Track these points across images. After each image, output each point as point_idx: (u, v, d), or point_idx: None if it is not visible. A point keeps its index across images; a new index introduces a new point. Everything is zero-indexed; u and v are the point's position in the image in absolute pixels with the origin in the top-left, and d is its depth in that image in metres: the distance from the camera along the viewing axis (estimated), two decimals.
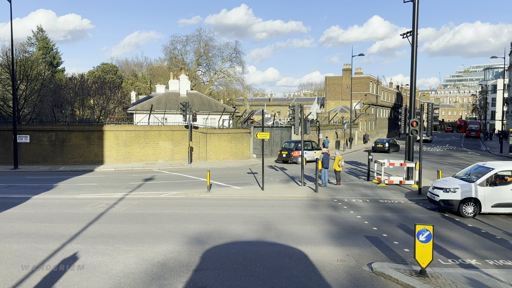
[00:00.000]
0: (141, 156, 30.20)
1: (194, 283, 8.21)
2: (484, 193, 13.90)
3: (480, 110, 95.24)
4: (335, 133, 46.57)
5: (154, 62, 74.20)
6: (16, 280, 8.33)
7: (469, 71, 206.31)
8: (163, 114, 36.08)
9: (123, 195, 17.68)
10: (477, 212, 13.98)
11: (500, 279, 8.31)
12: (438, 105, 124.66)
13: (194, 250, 10.22)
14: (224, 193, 18.12)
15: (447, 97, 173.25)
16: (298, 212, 14.54)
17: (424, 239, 8.27)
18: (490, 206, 13.92)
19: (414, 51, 20.35)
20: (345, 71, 62.43)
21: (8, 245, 10.57)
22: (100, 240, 11.07)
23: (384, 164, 20.53)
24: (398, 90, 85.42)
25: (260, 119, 47.22)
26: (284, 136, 36.37)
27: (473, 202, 13.97)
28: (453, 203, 14.06)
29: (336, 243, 10.92)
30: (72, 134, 28.74)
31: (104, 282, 8.28)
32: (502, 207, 13.93)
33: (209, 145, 32.31)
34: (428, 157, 36.18)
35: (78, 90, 37.19)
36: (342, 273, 8.79)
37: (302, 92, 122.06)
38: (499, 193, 13.86)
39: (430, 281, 8.14)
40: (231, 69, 60.98)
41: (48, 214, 14.09)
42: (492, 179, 14.10)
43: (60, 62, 62.00)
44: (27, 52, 50.07)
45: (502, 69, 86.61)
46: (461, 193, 14.01)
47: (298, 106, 20.32)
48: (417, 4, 19.98)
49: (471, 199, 13.96)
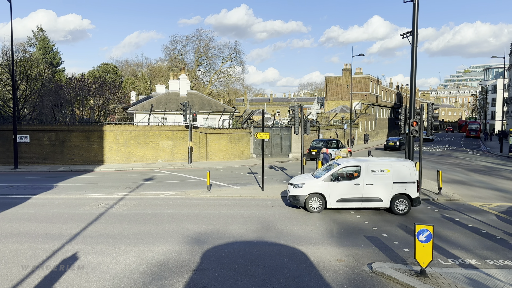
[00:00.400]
0: (141, 156, 30.20)
1: (194, 283, 8.21)
2: (329, 188, 14.31)
3: (480, 110, 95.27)
4: (335, 133, 46.56)
5: (154, 62, 74.32)
6: (16, 280, 8.33)
7: (469, 71, 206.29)
8: (163, 114, 36.07)
9: (123, 195, 17.68)
10: (322, 207, 14.37)
11: (500, 279, 8.30)
12: (438, 105, 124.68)
13: (194, 250, 10.22)
14: (224, 193, 18.12)
15: (447, 97, 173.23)
16: (298, 212, 14.54)
17: (424, 239, 8.27)
18: (335, 201, 14.33)
19: (414, 51, 20.34)
20: (345, 71, 62.43)
21: (8, 245, 10.57)
22: (100, 240, 11.07)
23: None
24: (398, 90, 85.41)
25: (260, 119, 47.23)
26: (284, 136, 36.38)
27: (319, 197, 14.27)
28: (300, 198, 14.50)
29: (336, 243, 10.92)
30: (72, 134, 28.74)
31: (104, 282, 8.28)
32: (346, 202, 14.35)
33: (209, 145, 32.31)
34: (428, 157, 36.18)
35: (78, 90, 37.18)
36: (342, 273, 8.79)
37: (302, 92, 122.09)
38: (343, 188, 14.29)
39: (430, 281, 8.14)
40: (231, 69, 61.01)
41: (48, 214, 14.09)
42: (337, 174, 14.49)
43: (60, 62, 61.98)
44: (27, 52, 50.08)
45: (502, 69, 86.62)
46: (307, 188, 14.39)
47: (298, 106, 20.32)
48: (417, 4, 19.97)
49: (316, 194, 14.33)
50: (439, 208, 15.51)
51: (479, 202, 16.69)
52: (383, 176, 14.31)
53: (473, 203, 16.47)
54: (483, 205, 16.21)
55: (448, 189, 19.22)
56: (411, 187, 14.30)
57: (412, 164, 14.76)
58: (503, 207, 15.79)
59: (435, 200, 16.97)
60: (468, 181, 22.36)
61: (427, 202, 16.76)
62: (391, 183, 14.26)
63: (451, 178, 23.34)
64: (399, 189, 14.26)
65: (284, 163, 31.82)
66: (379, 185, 14.24)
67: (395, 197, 14.28)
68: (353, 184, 14.26)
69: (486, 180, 22.84)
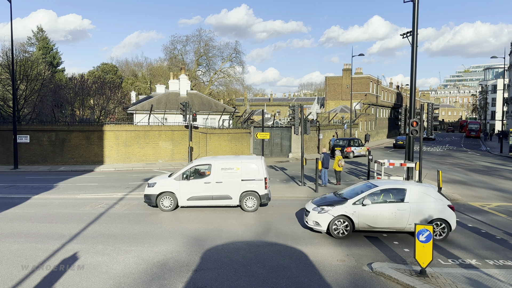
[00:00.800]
0: (141, 156, 30.20)
1: (194, 283, 8.21)
2: (180, 187, 14.41)
3: (480, 110, 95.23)
4: (335, 133, 46.55)
5: (154, 62, 74.29)
6: (16, 280, 8.33)
7: (469, 71, 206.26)
8: (163, 114, 36.07)
9: (123, 195, 17.68)
10: (174, 205, 14.50)
11: (500, 279, 8.31)
12: (438, 105, 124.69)
13: (194, 250, 10.22)
14: None
15: (447, 97, 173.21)
16: (298, 212, 14.53)
17: (424, 239, 8.27)
18: (186, 199, 14.46)
19: (414, 51, 20.35)
20: (345, 71, 62.40)
21: (8, 245, 10.57)
22: (100, 240, 11.07)
23: (384, 164, 20.51)
24: (398, 90, 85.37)
25: (260, 119, 47.21)
26: (284, 136, 36.38)
27: (170, 196, 14.49)
28: (151, 197, 14.58)
29: (336, 243, 10.92)
30: (72, 134, 28.74)
31: (104, 282, 8.28)
32: (196, 200, 14.52)
33: (209, 145, 32.30)
34: (428, 157, 36.17)
35: (78, 90, 37.17)
36: (342, 273, 8.79)
37: (302, 92, 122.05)
38: (193, 186, 14.47)
39: (430, 281, 8.14)
40: (231, 69, 60.97)
41: (48, 214, 14.09)
42: (188, 173, 14.65)
43: (60, 62, 61.96)
44: (27, 52, 50.01)
45: (502, 69, 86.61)
46: (158, 187, 14.56)
47: (298, 106, 20.31)
48: (417, 4, 19.97)
49: (168, 192, 14.47)
50: None
51: (479, 202, 16.69)
52: (232, 174, 14.56)
53: (473, 203, 16.46)
54: (483, 205, 16.21)
55: (448, 189, 19.21)
56: (259, 184, 14.58)
57: (261, 162, 14.97)
58: (503, 207, 15.79)
59: None
60: (468, 181, 22.36)
61: None
62: (240, 180, 14.52)
63: (451, 178, 23.34)
64: (248, 186, 14.56)
65: (284, 163, 31.81)
66: (229, 183, 14.48)
67: (244, 194, 14.49)
68: (203, 183, 14.47)
69: (486, 180, 22.84)
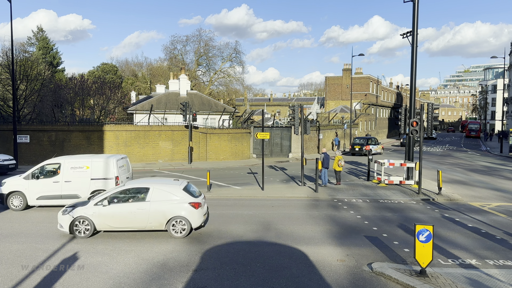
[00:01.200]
0: (141, 156, 30.20)
1: (194, 283, 8.22)
2: (29, 186, 14.53)
3: (480, 110, 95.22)
4: (335, 133, 46.54)
5: (154, 62, 74.24)
6: (16, 280, 8.33)
7: (469, 71, 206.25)
8: (163, 114, 36.07)
9: None
10: (24, 205, 14.56)
11: (500, 279, 8.30)
12: (438, 105, 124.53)
13: (194, 250, 10.22)
14: (224, 193, 18.12)
15: (447, 97, 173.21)
16: (298, 212, 14.53)
17: (424, 239, 8.27)
18: (35, 198, 14.57)
19: (414, 51, 20.36)
20: (345, 71, 62.40)
21: (8, 245, 10.58)
22: (100, 240, 11.08)
23: (384, 164, 20.53)
24: (398, 90, 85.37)
25: (260, 119, 47.23)
26: (284, 136, 36.38)
27: (19, 195, 14.57)
28: (2, 197, 14.65)
29: (336, 243, 10.92)
30: (72, 134, 28.74)
31: (104, 282, 8.28)
32: (46, 199, 14.62)
33: (209, 145, 32.31)
34: (428, 157, 36.18)
35: (78, 90, 37.16)
36: (342, 273, 8.79)
37: (302, 92, 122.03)
38: (43, 186, 14.56)
39: (430, 281, 8.14)
40: (231, 69, 60.94)
41: (48, 214, 14.09)
42: (37, 172, 14.75)
43: (60, 62, 61.95)
44: (27, 52, 50.03)
45: (502, 69, 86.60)
46: (7, 187, 14.62)
47: (298, 106, 20.31)
48: (417, 4, 19.99)
49: (17, 192, 14.57)
50: (439, 208, 15.51)
51: (479, 202, 16.69)
52: (82, 173, 14.68)
53: (473, 203, 16.47)
54: (483, 205, 16.21)
55: (448, 189, 19.22)
56: (110, 183, 14.68)
57: (113, 161, 15.01)
58: (503, 207, 15.79)
59: (435, 200, 16.97)
60: (468, 181, 22.37)
61: (427, 202, 16.77)
62: (89, 179, 14.62)
63: (451, 178, 23.34)
64: (98, 185, 14.64)
65: (284, 163, 31.82)
66: (78, 182, 14.60)
67: (94, 193, 14.45)
68: (52, 182, 14.56)
69: (486, 180, 22.84)
